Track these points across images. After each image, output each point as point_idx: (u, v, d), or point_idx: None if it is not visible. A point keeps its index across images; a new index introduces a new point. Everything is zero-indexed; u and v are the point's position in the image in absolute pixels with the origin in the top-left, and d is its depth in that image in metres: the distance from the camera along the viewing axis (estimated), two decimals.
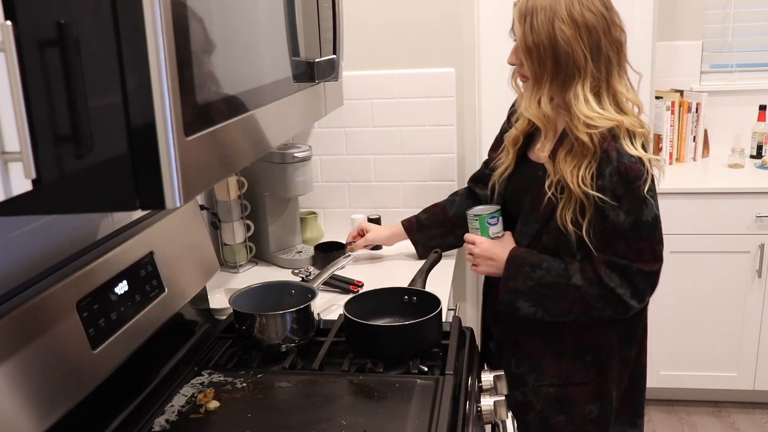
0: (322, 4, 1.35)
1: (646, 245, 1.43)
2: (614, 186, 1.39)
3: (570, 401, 1.57)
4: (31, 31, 0.66)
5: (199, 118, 0.79)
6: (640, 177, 1.39)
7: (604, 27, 1.41)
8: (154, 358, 1.36)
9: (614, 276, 1.43)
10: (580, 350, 1.55)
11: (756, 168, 2.98)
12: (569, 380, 1.57)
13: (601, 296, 1.45)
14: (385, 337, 1.42)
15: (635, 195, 1.40)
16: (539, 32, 1.40)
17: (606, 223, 1.42)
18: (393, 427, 1.19)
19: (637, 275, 1.44)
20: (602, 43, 1.41)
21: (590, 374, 1.56)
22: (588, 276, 1.45)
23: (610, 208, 1.40)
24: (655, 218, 1.43)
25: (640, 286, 1.45)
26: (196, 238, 1.57)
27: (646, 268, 1.44)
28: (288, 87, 1.16)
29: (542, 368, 1.57)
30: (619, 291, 1.44)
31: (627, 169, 1.38)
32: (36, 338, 1.00)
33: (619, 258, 1.43)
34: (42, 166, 0.68)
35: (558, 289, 1.48)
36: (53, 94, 0.68)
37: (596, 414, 1.58)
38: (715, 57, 3.23)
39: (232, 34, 0.94)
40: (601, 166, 1.40)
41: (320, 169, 2.27)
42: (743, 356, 2.85)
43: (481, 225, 1.62)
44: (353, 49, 2.01)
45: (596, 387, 1.56)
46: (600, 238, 1.43)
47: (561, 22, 1.38)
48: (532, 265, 1.50)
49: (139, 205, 0.73)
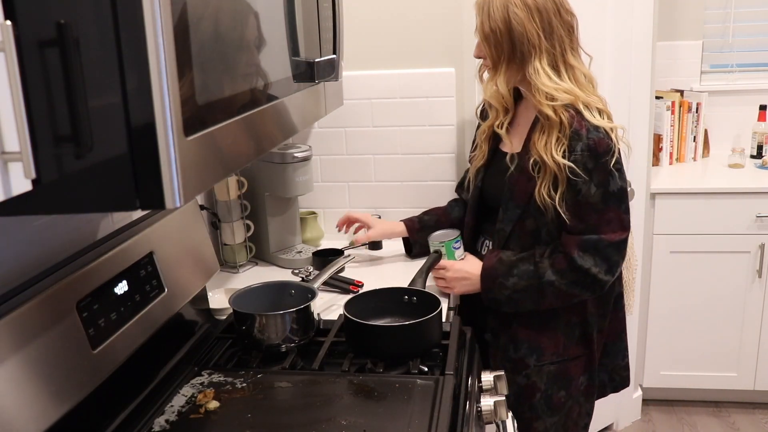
0: (322, 4, 1.35)
1: (614, 215, 1.53)
2: (585, 160, 1.50)
3: (569, 376, 1.66)
4: (31, 31, 0.66)
5: (199, 118, 0.79)
6: (609, 151, 1.50)
7: (554, 9, 1.52)
8: (154, 358, 1.36)
9: (587, 257, 1.53)
10: (571, 326, 1.65)
11: (756, 168, 2.98)
12: (566, 355, 1.66)
13: (575, 282, 1.55)
14: (385, 337, 1.42)
15: (604, 168, 1.50)
16: (495, 18, 1.52)
17: (578, 197, 1.52)
18: (393, 427, 1.19)
19: (609, 248, 1.53)
20: (554, 23, 1.52)
21: (580, 348, 1.67)
22: (560, 268, 1.55)
23: (582, 182, 1.50)
24: (621, 189, 1.53)
25: (613, 259, 1.55)
26: (196, 238, 1.57)
27: (615, 238, 1.54)
28: (288, 87, 1.16)
29: (541, 348, 1.65)
30: (594, 270, 1.53)
31: (596, 144, 1.49)
32: (36, 338, 1.00)
33: (589, 234, 1.53)
34: (42, 166, 0.68)
35: (534, 291, 1.58)
36: (53, 94, 0.68)
37: (585, 385, 1.68)
38: (715, 57, 3.23)
39: (231, 34, 0.93)
40: (572, 143, 1.50)
41: (320, 169, 2.27)
42: (743, 356, 2.85)
43: (448, 250, 1.75)
44: (353, 49, 2.01)
45: (586, 359, 1.68)
46: (573, 211, 1.53)
47: (514, 6, 1.50)
48: (504, 275, 1.60)
49: (139, 205, 0.73)
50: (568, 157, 1.50)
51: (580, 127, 1.49)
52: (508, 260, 1.60)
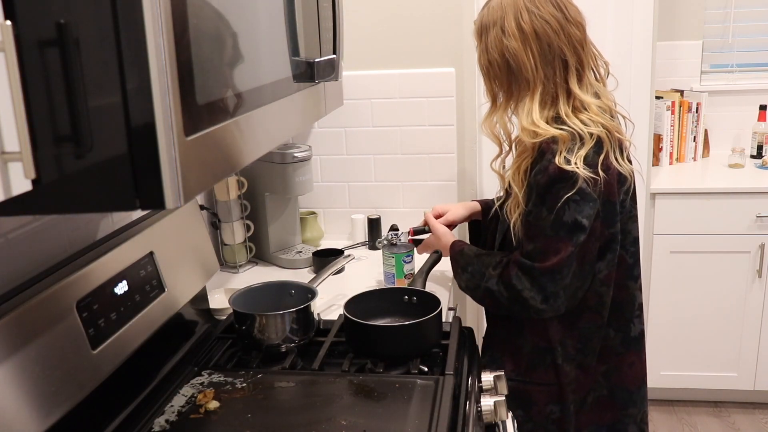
0: (322, 4, 1.35)
1: (562, 245, 1.41)
2: (540, 183, 1.41)
3: (529, 398, 1.57)
4: (31, 31, 0.66)
5: (199, 118, 0.79)
6: (563, 180, 1.38)
7: (556, 28, 1.41)
8: (154, 358, 1.36)
9: (524, 279, 1.44)
10: (539, 350, 1.55)
11: (756, 168, 2.98)
12: (528, 378, 1.57)
13: (509, 299, 1.48)
14: (385, 337, 1.42)
15: (557, 196, 1.39)
16: (491, 50, 1.44)
17: (529, 217, 1.45)
18: (393, 427, 1.19)
19: (543, 277, 1.42)
20: (554, 45, 1.41)
21: (550, 376, 1.55)
22: (504, 280, 1.48)
23: (533, 204, 1.43)
24: (575, 222, 1.40)
25: (549, 289, 1.43)
26: (196, 238, 1.57)
27: (548, 263, 1.42)
28: (288, 87, 1.16)
29: (501, 361, 1.59)
30: (526, 294, 1.44)
31: (555, 170, 1.38)
32: (36, 338, 1.00)
33: (531, 257, 1.43)
34: (42, 166, 0.68)
35: (478, 291, 1.55)
36: (53, 94, 0.68)
37: (558, 415, 1.57)
38: (715, 57, 3.23)
39: (232, 33, 0.93)
40: (535, 162, 1.43)
41: (320, 169, 2.27)
42: (743, 356, 2.85)
43: (397, 262, 1.81)
44: (353, 49, 2.01)
45: (557, 390, 1.56)
46: (524, 230, 1.47)
47: (509, 36, 1.41)
48: (463, 267, 1.59)
49: (139, 206, 0.73)
50: (529, 174, 1.44)
51: (547, 149, 1.40)
52: (468, 254, 1.60)
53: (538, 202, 1.42)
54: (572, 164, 1.38)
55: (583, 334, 1.54)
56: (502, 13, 1.42)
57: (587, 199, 1.40)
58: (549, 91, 1.43)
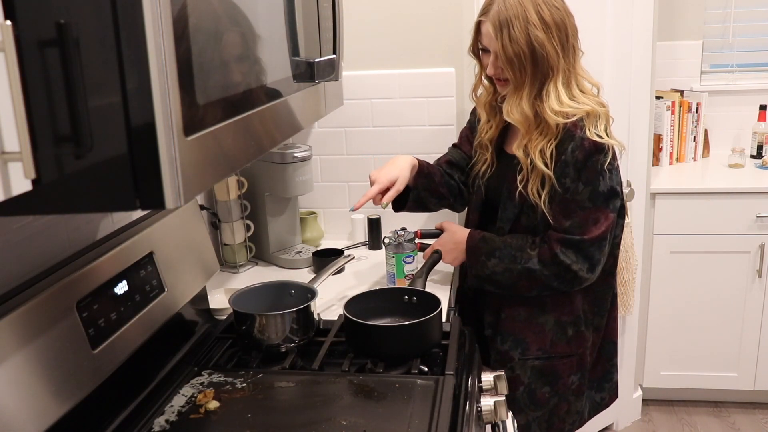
0: (322, 4, 1.35)
1: (601, 214, 1.54)
2: (576, 159, 1.50)
3: (555, 373, 1.67)
4: (31, 31, 0.66)
5: (199, 118, 0.79)
6: (600, 150, 1.50)
7: (566, 17, 1.53)
8: (154, 358, 1.36)
9: (569, 253, 1.54)
10: (562, 324, 1.65)
11: (756, 168, 2.98)
12: (553, 353, 1.66)
13: (556, 275, 1.56)
14: (385, 337, 1.42)
15: (593, 167, 1.51)
16: (518, 41, 1.49)
17: (566, 194, 1.53)
18: (393, 427, 1.19)
19: (591, 247, 1.54)
20: (569, 33, 1.53)
21: (572, 347, 1.67)
22: (544, 258, 1.56)
23: (570, 180, 1.52)
24: (611, 189, 1.54)
25: (595, 257, 1.56)
26: (196, 238, 1.57)
27: (596, 232, 1.53)
28: (288, 87, 1.16)
29: (527, 343, 1.66)
30: (575, 267, 1.54)
31: (589, 144, 1.50)
32: (36, 338, 1.00)
33: (572, 232, 1.53)
34: (42, 166, 0.68)
35: (510, 274, 1.59)
36: (53, 94, 0.68)
37: (576, 384, 1.69)
38: (716, 57, 3.23)
39: (232, 33, 0.93)
40: (564, 143, 1.51)
41: (320, 169, 2.26)
42: (743, 356, 2.85)
43: (398, 262, 1.80)
44: (353, 49, 2.01)
45: (578, 358, 1.68)
46: (559, 208, 1.54)
47: (534, 27, 1.48)
48: (487, 254, 1.62)
49: (139, 205, 0.73)
50: (557, 156, 1.51)
51: (574, 127, 1.51)
52: (491, 240, 1.63)
53: (576, 178, 1.51)
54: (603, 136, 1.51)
55: (597, 296, 1.68)
56: (523, 7, 1.49)
57: (616, 167, 1.56)
58: (567, 75, 1.54)
